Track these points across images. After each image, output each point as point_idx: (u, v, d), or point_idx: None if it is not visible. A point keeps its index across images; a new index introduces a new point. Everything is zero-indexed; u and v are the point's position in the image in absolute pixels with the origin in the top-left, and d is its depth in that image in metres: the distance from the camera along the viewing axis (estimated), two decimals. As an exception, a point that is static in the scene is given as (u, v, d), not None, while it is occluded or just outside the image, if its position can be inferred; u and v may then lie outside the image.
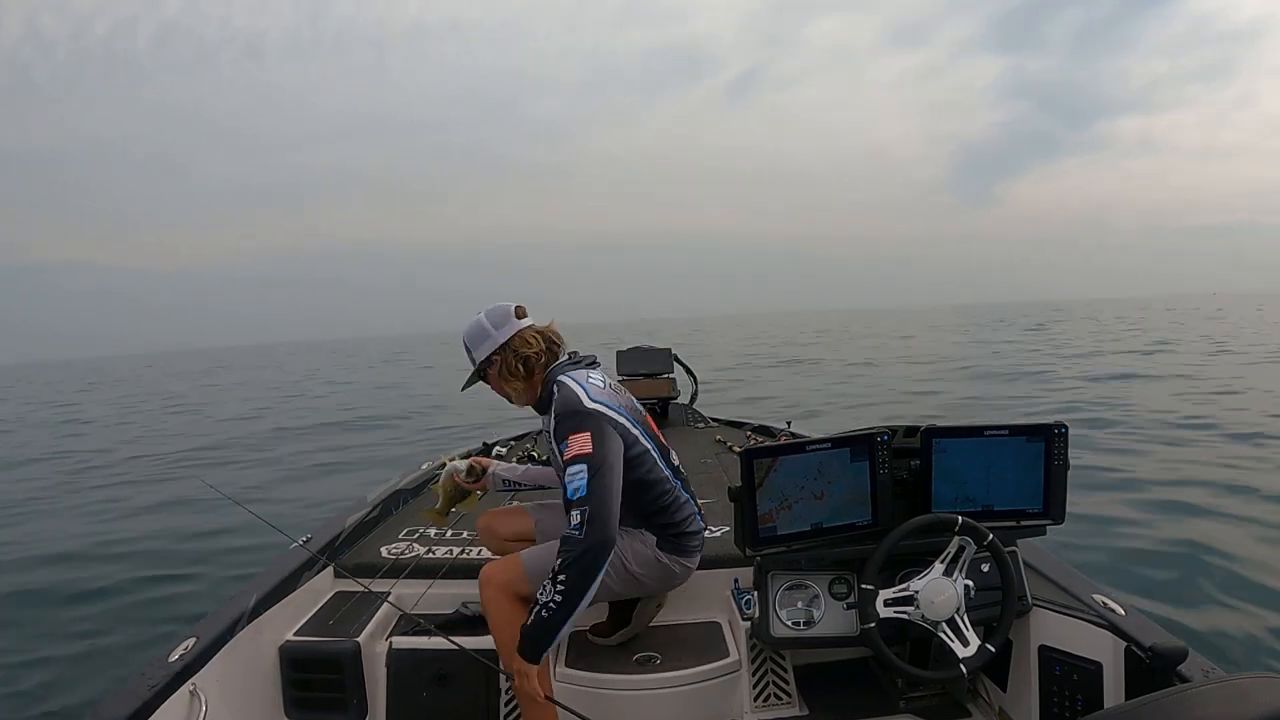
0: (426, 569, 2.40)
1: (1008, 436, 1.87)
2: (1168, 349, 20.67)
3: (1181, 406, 9.99)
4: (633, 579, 1.93)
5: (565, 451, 1.75)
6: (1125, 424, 8.86)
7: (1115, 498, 5.57)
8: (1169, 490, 5.78)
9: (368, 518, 2.88)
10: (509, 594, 1.86)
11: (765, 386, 16.26)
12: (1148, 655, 1.53)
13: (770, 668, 2.06)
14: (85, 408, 22.78)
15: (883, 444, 1.86)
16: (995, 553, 1.73)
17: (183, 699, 1.64)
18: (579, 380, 1.88)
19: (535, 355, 1.92)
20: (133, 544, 5.86)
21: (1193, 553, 4.41)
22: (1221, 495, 5.55)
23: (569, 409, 1.80)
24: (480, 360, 1.96)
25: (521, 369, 1.92)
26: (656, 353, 5.66)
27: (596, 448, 1.73)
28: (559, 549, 1.68)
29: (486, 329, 1.94)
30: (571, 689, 2.01)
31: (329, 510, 4.16)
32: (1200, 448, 7.36)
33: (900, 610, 1.72)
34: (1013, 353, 22.09)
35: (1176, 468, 6.55)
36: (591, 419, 1.78)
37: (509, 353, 1.92)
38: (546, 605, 1.65)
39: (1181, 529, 4.84)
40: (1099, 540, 4.62)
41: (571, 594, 1.64)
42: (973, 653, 1.69)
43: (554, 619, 1.65)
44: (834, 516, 1.86)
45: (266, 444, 11.53)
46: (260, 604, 2.02)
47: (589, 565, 1.64)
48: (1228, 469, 6.36)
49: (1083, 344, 24.60)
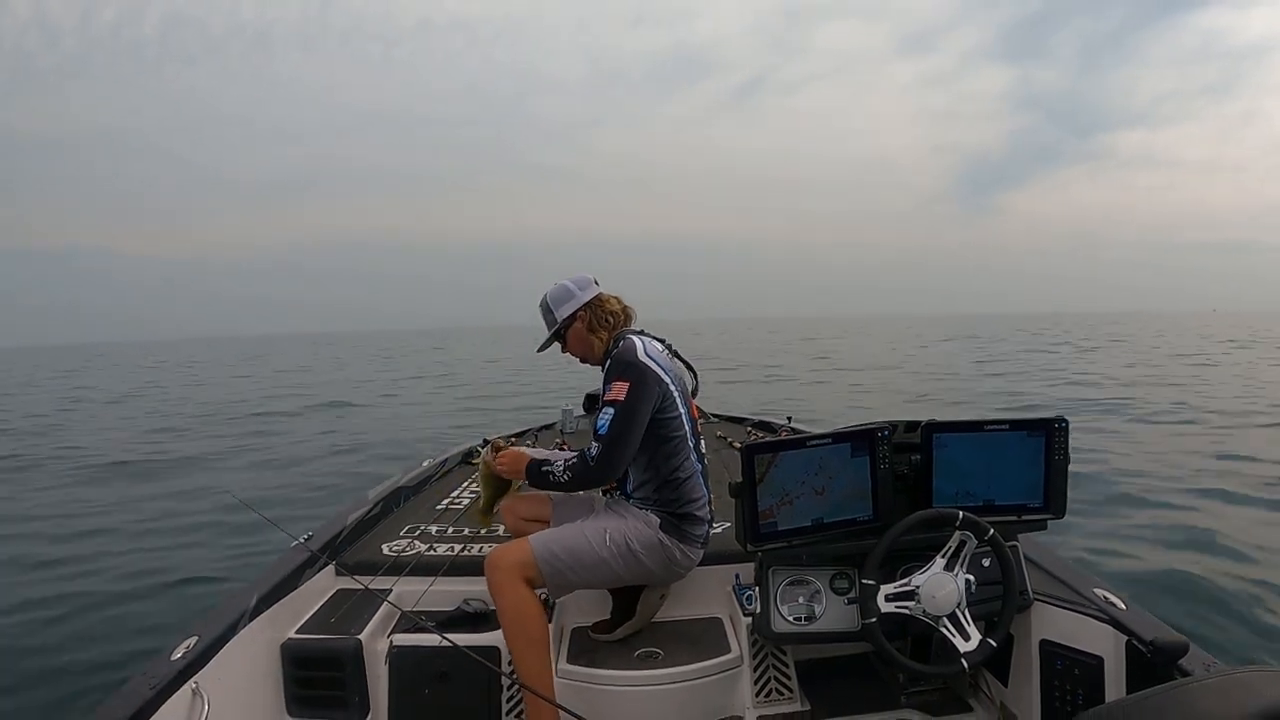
0: (428, 566, 2.40)
1: (1008, 431, 1.87)
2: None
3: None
4: (635, 560, 2.00)
5: (606, 394, 1.97)
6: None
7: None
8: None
9: (369, 515, 2.88)
10: (517, 576, 1.93)
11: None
12: (1149, 649, 1.53)
13: (772, 663, 2.06)
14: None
15: (883, 439, 1.86)
16: (996, 547, 1.73)
17: (185, 697, 1.64)
18: (641, 339, 2.07)
19: (615, 314, 2.14)
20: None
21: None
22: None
23: (623, 359, 1.99)
24: (564, 318, 2.13)
25: (607, 323, 2.12)
26: None
27: (629, 396, 1.93)
28: (579, 455, 1.98)
29: (571, 290, 2.15)
30: (573, 685, 2.01)
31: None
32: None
33: (901, 605, 1.72)
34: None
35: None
36: (635, 370, 1.96)
37: (594, 309, 2.13)
38: (554, 471, 1.99)
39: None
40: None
41: (568, 486, 2.00)
42: (974, 647, 1.69)
43: (551, 485, 2.01)
44: (835, 512, 1.86)
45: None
46: (262, 602, 2.02)
47: (586, 482, 1.99)
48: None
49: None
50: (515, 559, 1.96)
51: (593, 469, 1.94)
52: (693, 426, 2.10)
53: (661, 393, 1.99)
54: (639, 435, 1.95)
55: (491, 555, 1.99)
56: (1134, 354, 25.60)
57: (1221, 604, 3.79)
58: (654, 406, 1.97)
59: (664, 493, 2.03)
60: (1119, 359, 23.30)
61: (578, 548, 1.98)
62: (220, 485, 7.66)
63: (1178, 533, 4.98)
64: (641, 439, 1.96)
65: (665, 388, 2.00)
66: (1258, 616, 3.66)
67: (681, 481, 2.03)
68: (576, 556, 1.97)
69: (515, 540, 2.08)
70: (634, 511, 2.05)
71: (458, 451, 4.16)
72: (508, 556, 1.97)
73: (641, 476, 2.06)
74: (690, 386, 2.19)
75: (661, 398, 1.99)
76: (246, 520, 5.11)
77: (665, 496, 2.03)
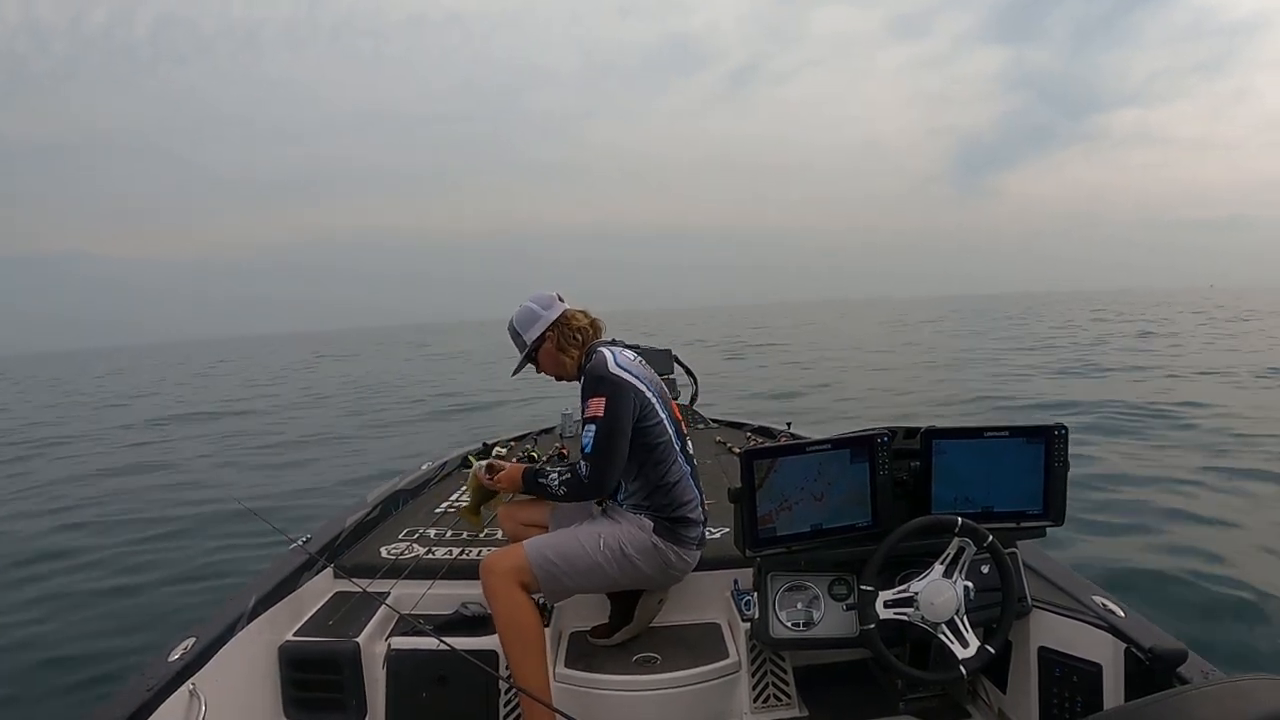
0: (426, 570, 2.40)
1: (1008, 438, 1.87)
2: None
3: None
4: (630, 564, 2.00)
5: (585, 412, 1.99)
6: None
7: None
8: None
9: (367, 518, 2.88)
10: (512, 581, 1.93)
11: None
12: (1147, 657, 1.53)
13: (770, 669, 2.06)
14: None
15: (883, 445, 1.86)
16: (995, 554, 1.73)
17: (182, 699, 1.63)
18: (611, 350, 2.08)
19: (583, 330, 2.13)
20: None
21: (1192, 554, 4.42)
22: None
23: (594, 374, 2.01)
24: (532, 340, 2.14)
25: (576, 340, 2.12)
26: (656, 353, 5.64)
27: (607, 412, 1.95)
28: (572, 469, 2.01)
29: (536, 311, 2.14)
30: (571, 689, 2.01)
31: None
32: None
33: (900, 611, 1.72)
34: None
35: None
36: (608, 384, 1.97)
37: (561, 328, 2.13)
38: (550, 485, 2.04)
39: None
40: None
41: (564, 499, 2.08)
42: (972, 654, 1.68)
43: (544, 493, 2.09)
44: (834, 518, 1.86)
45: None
46: (260, 604, 2.02)
47: (580, 497, 2.06)
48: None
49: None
50: (510, 564, 1.96)
51: (586, 486, 1.99)
52: (676, 429, 2.11)
53: (639, 402, 2.00)
54: (625, 447, 1.97)
55: (486, 560, 1.99)
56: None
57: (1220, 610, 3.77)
58: (634, 416, 1.98)
59: (655, 498, 2.04)
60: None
61: (572, 553, 1.99)
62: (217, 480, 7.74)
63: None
64: (628, 449, 1.98)
65: (642, 396, 2.01)
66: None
67: (672, 485, 2.04)
68: (571, 562, 1.98)
69: (511, 545, 2.08)
70: (628, 516, 2.06)
71: (456, 455, 4.16)
72: (502, 561, 1.97)
73: (632, 485, 2.07)
74: (692, 391, 2.20)
75: (640, 407, 2.00)
76: (246, 524, 5.12)
77: (657, 501, 2.04)
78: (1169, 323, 30.70)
